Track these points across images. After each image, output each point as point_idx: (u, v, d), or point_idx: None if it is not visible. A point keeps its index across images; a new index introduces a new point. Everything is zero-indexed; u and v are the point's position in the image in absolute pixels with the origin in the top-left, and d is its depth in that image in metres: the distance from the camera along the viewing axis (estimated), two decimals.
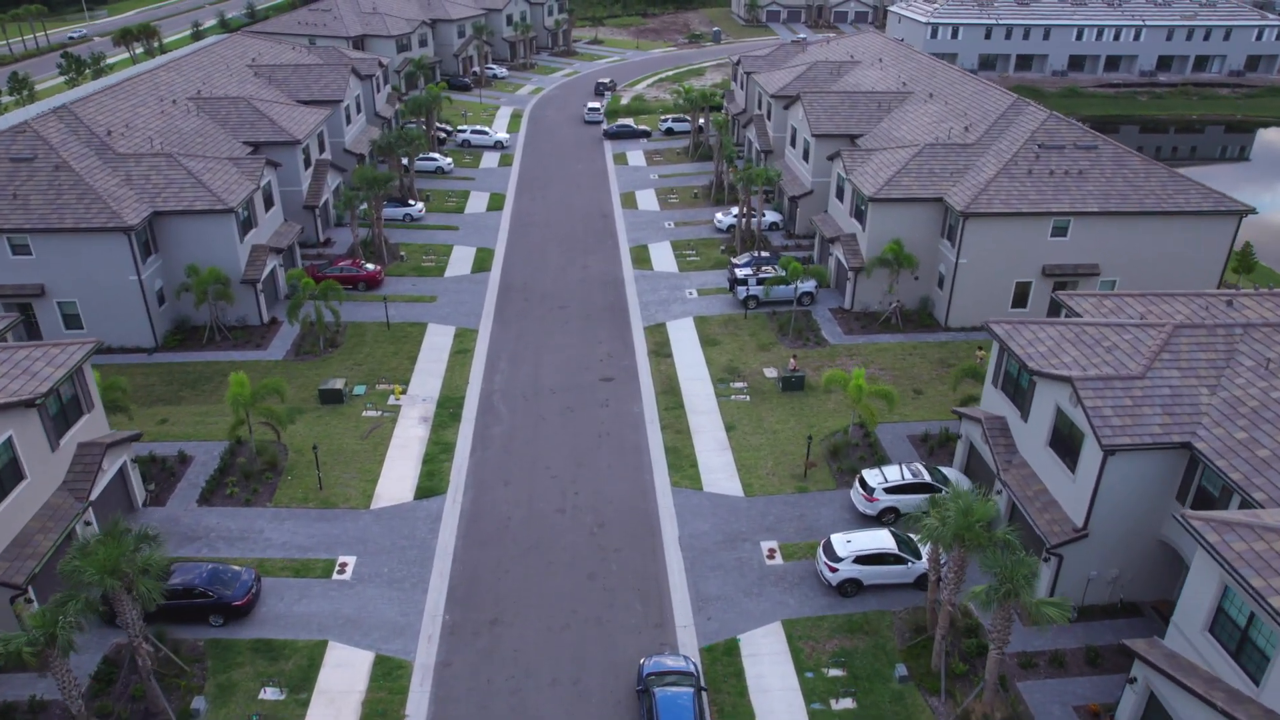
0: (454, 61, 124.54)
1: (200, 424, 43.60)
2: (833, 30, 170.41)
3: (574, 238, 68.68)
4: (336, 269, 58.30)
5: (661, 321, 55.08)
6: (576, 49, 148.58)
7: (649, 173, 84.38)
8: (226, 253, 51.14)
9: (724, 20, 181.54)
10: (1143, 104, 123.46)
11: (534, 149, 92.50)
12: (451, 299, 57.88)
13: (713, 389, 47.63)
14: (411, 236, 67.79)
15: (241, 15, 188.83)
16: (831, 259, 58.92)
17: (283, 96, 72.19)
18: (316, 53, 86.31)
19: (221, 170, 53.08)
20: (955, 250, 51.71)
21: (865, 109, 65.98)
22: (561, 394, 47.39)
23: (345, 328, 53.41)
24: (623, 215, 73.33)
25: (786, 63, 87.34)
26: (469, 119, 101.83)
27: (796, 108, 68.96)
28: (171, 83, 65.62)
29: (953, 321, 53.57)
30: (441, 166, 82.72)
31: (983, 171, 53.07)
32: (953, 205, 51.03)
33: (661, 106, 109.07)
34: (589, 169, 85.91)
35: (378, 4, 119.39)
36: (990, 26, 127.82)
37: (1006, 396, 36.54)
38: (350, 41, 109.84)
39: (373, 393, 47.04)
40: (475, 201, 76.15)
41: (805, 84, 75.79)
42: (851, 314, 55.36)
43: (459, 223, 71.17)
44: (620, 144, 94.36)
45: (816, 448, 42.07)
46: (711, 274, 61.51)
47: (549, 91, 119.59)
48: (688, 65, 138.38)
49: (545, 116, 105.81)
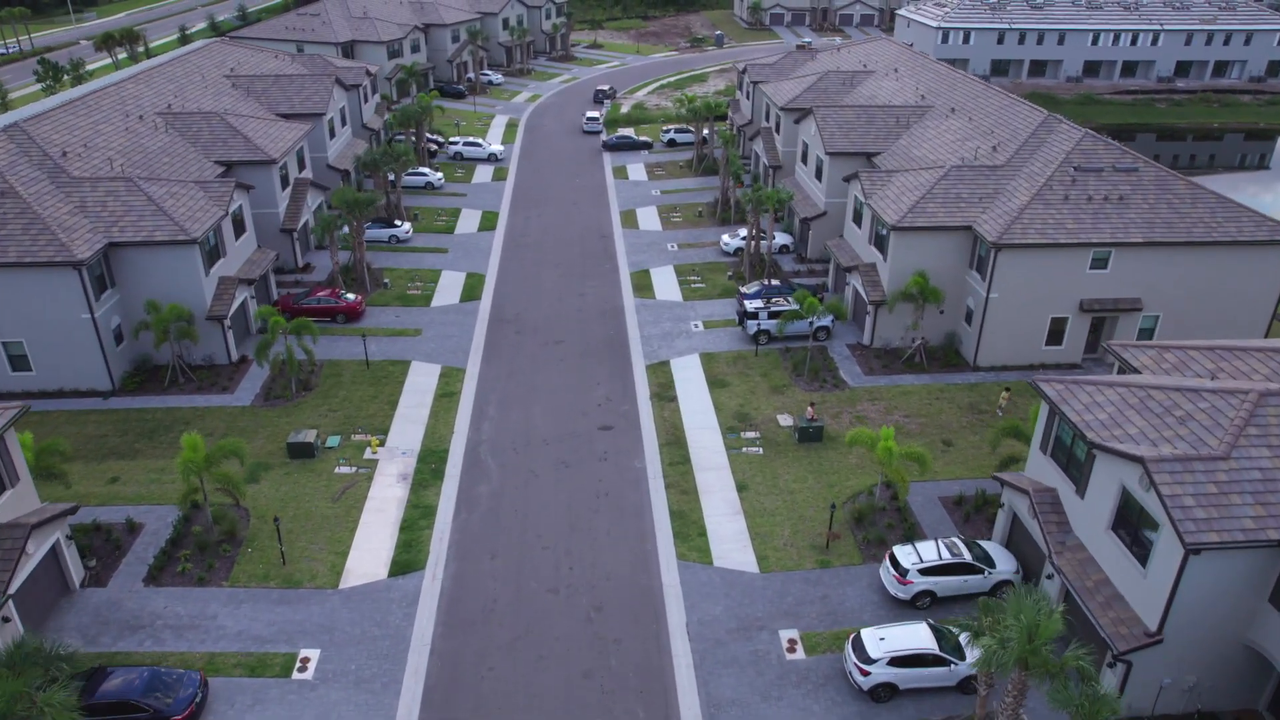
0: (448, 68, 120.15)
1: (155, 483, 39.27)
2: (838, 33, 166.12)
3: (571, 261, 64.35)
4: (314, 300, 53.96)
5: (665, 359, 50.75)
6: (575, 54, 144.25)
7: (650, 188, 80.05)
8: (190, 287, 46.81)
9: (726, 23, 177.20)
10: (1161, 111, 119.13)
11: (530, 162, 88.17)
12: (438, 332, 53.54)
13: (722, 439, 43.31)
14: (397, 260, 63.45)
15: (233, 18, 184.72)
16: (848, 289, 54.57)
17: (261, 110, 67.86)
18: (300, 61, 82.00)
19: (186, 195, 48.74)
20: (986, 284, 47.38)
21: (882, 125, 61.64)
22: (555, 445, 43.06)
23: (321, 367, 49.11)
24: (623, 236, 69.00)
25: (795, 72, 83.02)
26: (462, 129, 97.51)
27: (808, 122, 64.62)
28: (140, 96, 61.26)
29: (982, 360, 49.26)
30: (431, 182, 78.39)
31: (1014, 197, 48.74)
32: (983, 235, 46.71)
33: (663, 115, 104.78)
34: (587, 184, 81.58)
35: (368, 8, 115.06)
36: (1003, 31, 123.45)
37: (1058, 466, 32.22)
38: (339, 48, 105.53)
39: (348, 444, 42.71)
40: (466, 220, 71.81)
41: (816, 96, 71.48)
42: (871, 351, 51.03)
43: (449, 244, 66.83)
44: (620, 156, 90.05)
45: (839, 513, 37.76)
46: (718, 303, 57.16)
47: (546, 99, 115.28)
48: (690, 71, 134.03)
49: (542, 126, 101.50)
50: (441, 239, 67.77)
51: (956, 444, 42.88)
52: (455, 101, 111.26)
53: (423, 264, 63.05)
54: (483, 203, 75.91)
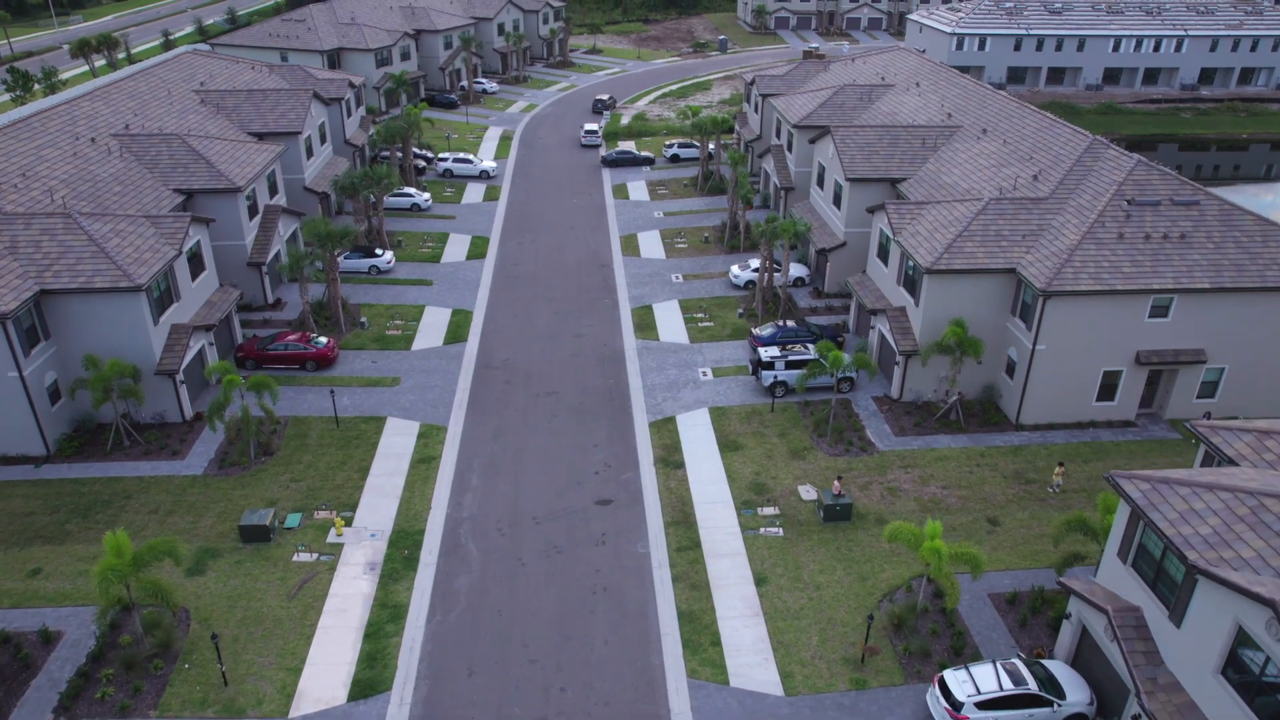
0: (440, 75, 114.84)
1: (83, 575, 33.96)
2: (845, 38, 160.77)
3: (567, 295, 59.03)
4: (281, 345, 48.66)
5: (670, 415, 45.45)
6: (573, 60, 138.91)
7: (653, 209, 74.76)
8: (136, 338, 41.54)
9: (730, 27, 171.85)
10: (1187, 121, 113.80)
11: (524, 179, 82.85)
12: (418, 382, 48.26)
13: (736, 517, 38.00)
14: (377, 294, 58.14)
15: (222, 21, 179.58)
16: (873, 333, 49.27)
17: (231, 129, 62.57)
18: (279, 73, 76.71)
19: (134, 233, 43.45)
20: (1031, 334, 42.09)
21: (907, 147, 56.33)
22: (547, 524, 37.76)
23: (285, 425, 43.82)
24: (623, 265, 63.69)
25: (807, 84, 77.71)
26: (453, 143, 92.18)
27: (825, 143, 59.31)
28: (94, 115, 55.95)
29: (1026, 418, 43.98)
30: (418, 203, 73.08)
31: (1062, 234, 43.45)
32: (1030, 280, 41.40)
33: (665, 127, 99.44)
34: (585, 204, 76.28)
35: (356, 14, 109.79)
36: (1020, 37, 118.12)
37: (1143, 581, 26.93)
38: (324, 56, 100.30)
39: (309, 524, 37.42)
40: (454, 247, 66.50)
41: (832, 112, 66.20)
42: (900, 406, 45.73)
43: (434, 275, 61.51)
44: (620, 172, 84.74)
45: (875, 617, 32.48)
46: (728, 346, 51.87)
47: (543, 109, 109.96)
48: (693, 78, 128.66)
49: (538, 139, 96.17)
50: (426, 269, 62.44)
51: (1003, 523, 37.60)
52: (447, 112, 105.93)
53: (405, 298, 57.74)
54: (473, 226, 70.60)
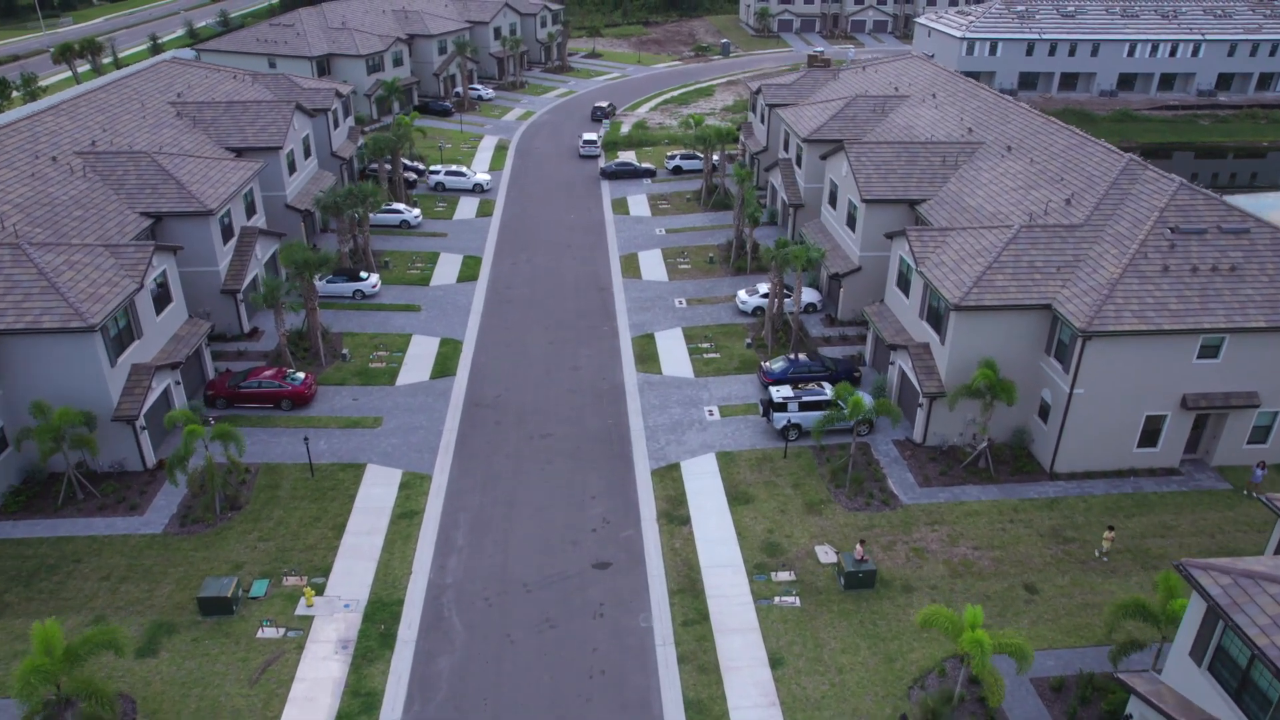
0: (434, 82, 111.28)
1: (21, 655, 30.42)
2: (850, 41, 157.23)
3: (563, 322, 55.47)
4: (254, 383, 45.10)
5: (674, 461, 41.91)
6: (572, 64, 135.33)
7: (654, 225, 71.20)
8: (90, 382, 38.00)
9: (732, 30, 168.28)
10: (1205, 129, 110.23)
11: (520, 192, 79.29)
12: (402, 423, 44.73)
13: (748, 584, 34.44)
14: (362, 322, 54.58)
15: (214, 24, 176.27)
16: (893, 369, 45.73)
17: (208, 144, 59.01)
18: (262, 82, 73.13)
19: (90, 265, 39.90)
20: (1069, 377, 38.54)
21: (927, 165, 52.78)
22: (539, 592, 34.21)
23: (255, 474, 40.27)
24: (623, 288, 60.13)
25: (816, 93, 74.15)
26: (446, 154, 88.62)
27: (839, 160, 55.77)
28: (58, 131, 52.43)
29: (1061, 465, 40.44)
30: (407, 220, 69.51)
31: (1101, 267, 39.90)
32: (1068, 319, 37.84)
33: (667, 136, 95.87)
34: (583, 220, 72.73)
35: (348, 19, 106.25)
36: (1033, 42, 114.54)
37: (1222, 688, 23.38)
38: (314, 63, 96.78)
39: (277, 592, 33.87)
40: (445, 268, 62.94)
41: (844, 125, 62.67)
42: (924, 450, 42.18)
43: (423, 299, 57.94)
44: (620, 185, 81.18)
45: (905, 703, 28.96)
46: (736, 381, 48.33)
47: (540, 116, 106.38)
48: (695, 83, 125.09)
49: (534, 149, 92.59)
50: (415, 293, 58.85)
51: (1042, 590, 34.07)
52: (441, 120, 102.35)
53: (390, 326, 54.18)
54: (464, 245, 67.03)
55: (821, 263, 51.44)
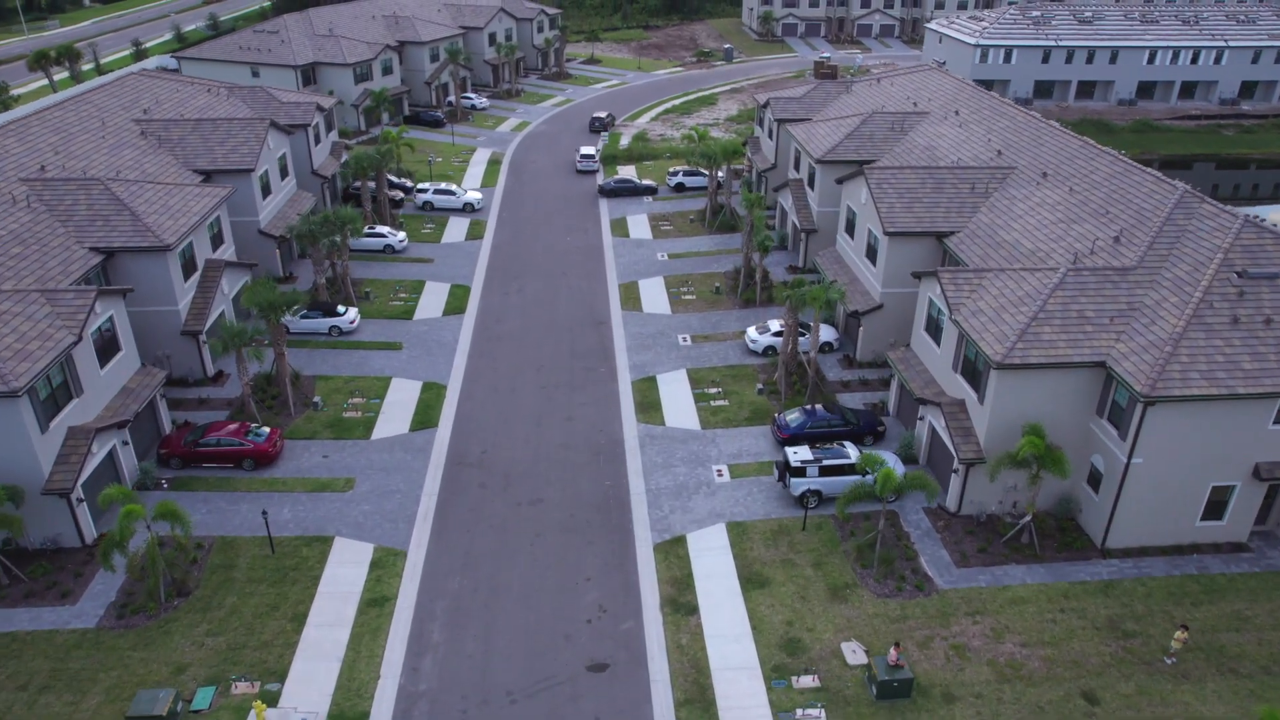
0: (425, 90, 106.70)
1: None
2: (856, 46, 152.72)
3: (557, 363, 50.97)
4: (213, 440, 40.59)
5: (680, 533, 37.39)
6: (570, 70, 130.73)
7: (656, 249, 66.66)
8: (16, 452, 33.49)
9: (735, 34, 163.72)
10: (1230, 139, 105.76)
11: (513, 212, 74.76)
12: (376, 485, 40.22)
13: (766, 692, 29.95)
14: (336, 363, 50.05)
15: (204, 27, 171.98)
16: (921, 424, 41.23)
17: (173, 166, 54.51)
18: (239, 95, 68.60)
19: (19, 315, 35.36)
20: (1126, 445, 34.04)
21: (954, 193, 48.27)
22: (525, 703, 29.69)
23: (208, 551, 35.77)
24: (622, 322, 55.63)
25: (828, 108, 69.67)
26: (436, 168, 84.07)
27: (857, 185, 51.29)
28: (5, 154, 47.90)
29: (1115, 539, 35.95)
30: (392, 244, 64.96)
31: (1160, 317, 35.40)
32: (1127, 382, 33.34)
33: (669, 149, 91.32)
34: (580, 243, 68.21)
35: (335, 25, 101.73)
36: (1049, 49, 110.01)
37: None
38: (298, 72, 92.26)
39: (224, 703, 29.37)
40: (430, 298, 58.39)
41: (860, 145, 58.20)
42: (959, 521, 37.67)
43: (405, 335, 53.43)
44: (619, 204, 76.64)
45: None
46: (748, 435, 43.82)
47: (536, 126, 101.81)
48: (697, 91, 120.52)
49: (529, 163, 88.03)
50: (397, 328, 54.32)
51: (1103, 700, 29.58)
52: (432, 131, 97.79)
53: (368, 368, 49.67)
54: (452, 272, 62.50)
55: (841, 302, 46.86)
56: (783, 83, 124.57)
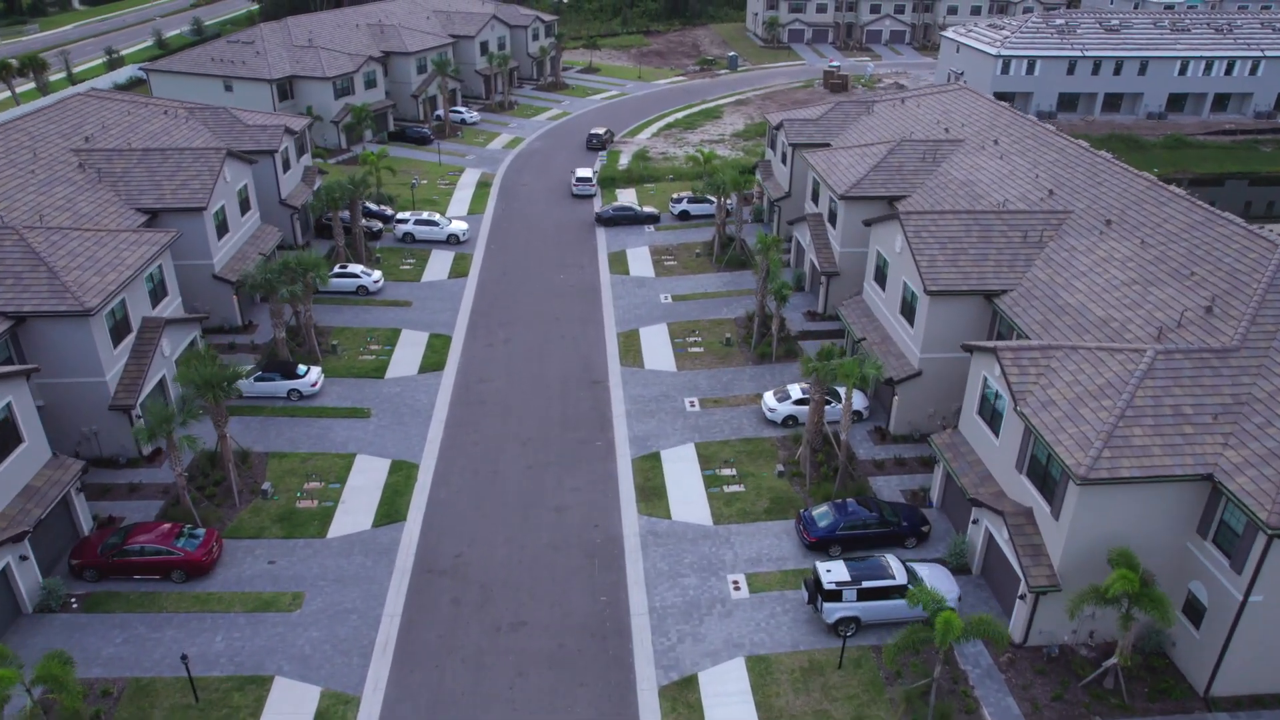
0: (412, 104, 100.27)
1: None
2: (865, 53, 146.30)
3: (547, 434, 44.60)
4: (135, 548, 34.17)
5: (691, 671, 31.01)
6: (566, 80, 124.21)
7: (658, 289, 60.27)
8: None
9: (739, 40, 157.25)
10: (1268, 155, 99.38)
11: (502, 244, 68.37)
12: (328, 601, 33.83)
13: None
14: (294, 436, 43.65)
15: (188, 32, 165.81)
16: (976, 529, 34.88)
17: (113, 205, 48.14)
18: (199, 118, 62.16)
19: None
20: (1243, 581, 27.68)
21: (1005, 243, 41.89)
22: None
23: (118, 697, 29.35)
24: (621, 381, 49.27)
25: (848, 131, 63.31)
26: (420, 192, 77.67)
27: (890, 230, 44.96)
28: None
29: (1222, 687, 29.60)
30: (366, 285, 58.50)
31: (1278, 416, 29.01)
32: (1245, 505, 26.97)
33: (671, 169, 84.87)
34: (575, 282, 61.83)
35: (315, 34, 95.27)
36: (1075, 60, 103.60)
37: None
38: (274, 86, 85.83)
39: None
40: (406, 351, 52.00)
41: (889, 178, 51.89)
42: (1026, 656, 31.30)
43: (375, 399, 47.07)
44: (618, 234, 70.26)
45: None
46: (767, 532, 37.43)
47: (530, 142, 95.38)
48: (701, 102, 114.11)
49: (521, 186, 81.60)
50: (366, 389, 47.96)
51: None
52: (418, 149, 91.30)
53: (330, 441, 43.28)
54: (432, 318, 56.10)
55: (876, 376, 40.27)
56: (790, 93, 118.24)
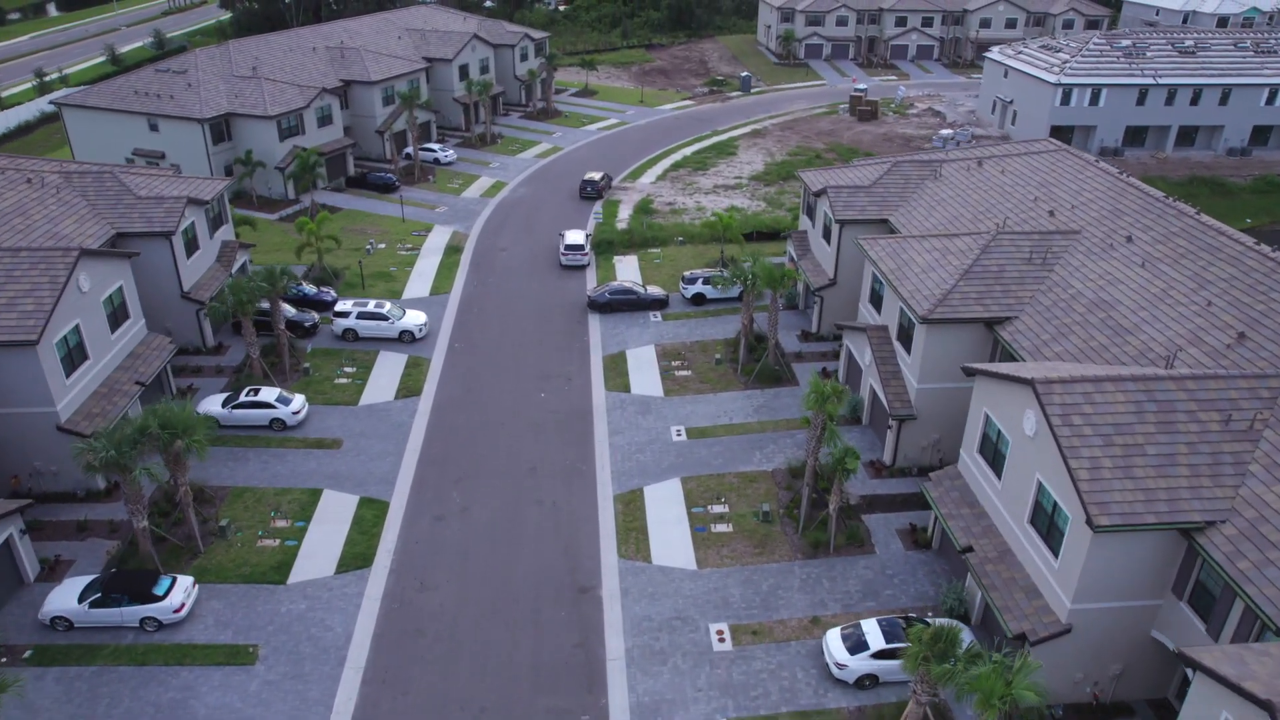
0: (377, 141, 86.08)
1: None
2: (890, 70, 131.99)
3: (509, 702, 30.29)
4: None
5: None
6: (558, 106, 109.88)
7: (668, 418, 46.03)
8: None
9: (750, 55, 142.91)
10: None
11: (469, 341, 54.09)
12: None
13: None
14: (135, 705, 29.46)
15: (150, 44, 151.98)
16: None
17: None
18: (77, 188, 47.95)
19: None
20: None
21: (1200, 433, 27.61)
22: None
23: None
24: (620, 585, 35.00)
25: (913, 206, 49.21)
26: (375, 260, 63.48)
27: (1013, 396, 30.77)
28: None
29: None
30: (282, 418, 44.25)
31: None
32: None
33: (681, 230, 70.61)
34: (559, 406, 47.58)
35: (261, 62, 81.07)
36: (1147, 88, 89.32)
37: None
38: (207, 127, 71.75)
39: None
40: (321, 535, 37.63)
41: (986, 290, 37.90)
42: None
43: (262, 631, 32.78)
44: (617, 324, 56.00)
45: None
46: None
47: (514, 188, 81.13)
48: (711, 133, 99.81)
49: (500, 251, 67.36)
50: (258, 601, 33.64)
51: None
52: (381, 199, 77.07)
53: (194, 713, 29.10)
54: (365, 469, 41.83)
55: None
56: (812, 121, 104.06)
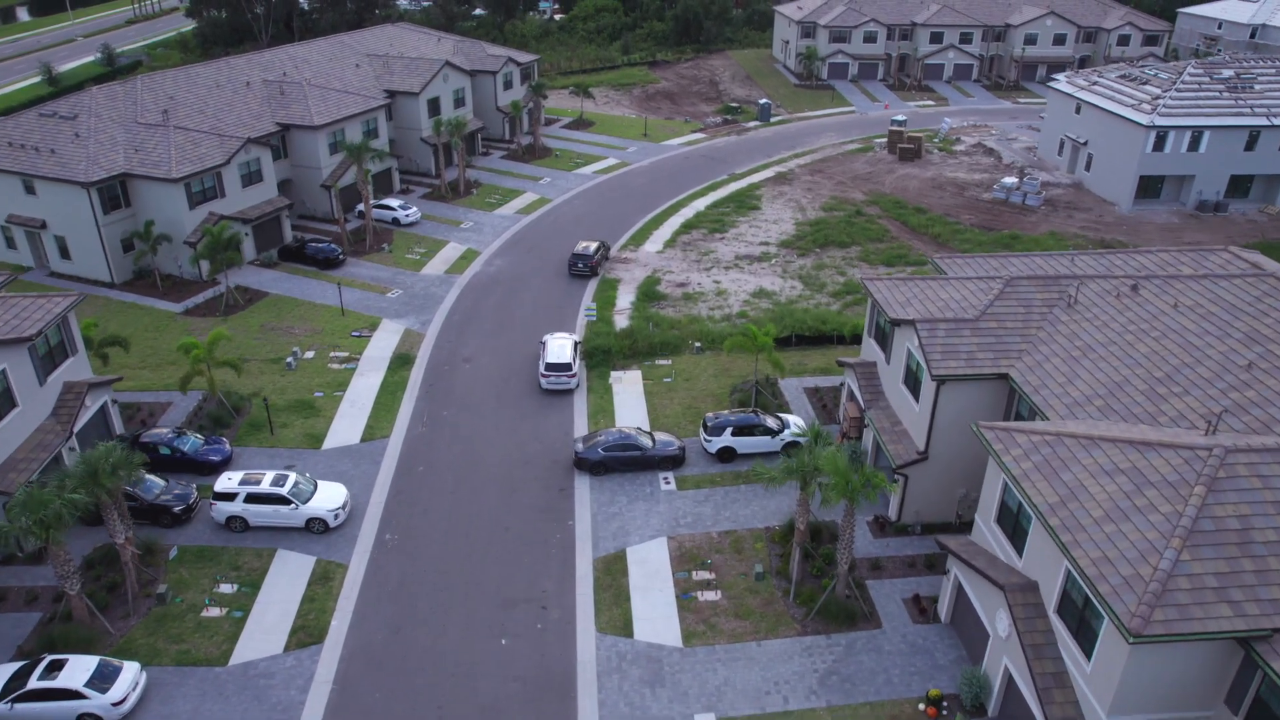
0: (323, 197, 70.60)
1: None
2: (924, 92, 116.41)
3: None
4: None
5: None
6: (548, 140, 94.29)
7: (689, 695, 30.48)
8: None
9: (766, 74, 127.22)
10: None
11: (406, 530, 38.49)
12: None
13: None
14: None
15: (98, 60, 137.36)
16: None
17: None
18: None
19: None
20: None
21: None
22: None
23: None
24: None
25: (1042, 357, 33.73)
26: (296, 378, 48.03)
27: None
28: None
29: None
30: (97, 713, 28.67)
31: None
32: None
33: (698, 332, 55.05)
34: (525, 668, 32.00)
35: (176, 103, 65.51)
36: (1259, 129, 73.75)
37: None
38: (94, 192, 56.32)
39: None
40: None
41: (1229, 570, 22.28)
42: None
43: None
44: (614, 492, 40.47)
45: None
46: None
47: (487, 260, 65.62)
48: (728, 177, 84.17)
49: (463, 363, 51.83)
50: None
51: None
52: (319, 278, 61.59)
53: None
54: None
55: None
56: (845, 161, 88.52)
